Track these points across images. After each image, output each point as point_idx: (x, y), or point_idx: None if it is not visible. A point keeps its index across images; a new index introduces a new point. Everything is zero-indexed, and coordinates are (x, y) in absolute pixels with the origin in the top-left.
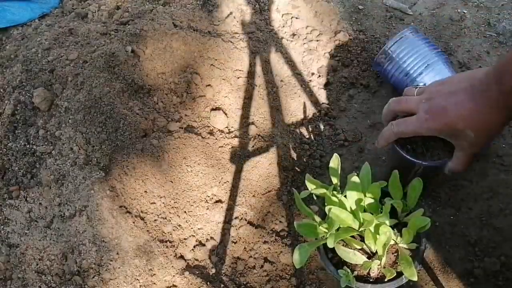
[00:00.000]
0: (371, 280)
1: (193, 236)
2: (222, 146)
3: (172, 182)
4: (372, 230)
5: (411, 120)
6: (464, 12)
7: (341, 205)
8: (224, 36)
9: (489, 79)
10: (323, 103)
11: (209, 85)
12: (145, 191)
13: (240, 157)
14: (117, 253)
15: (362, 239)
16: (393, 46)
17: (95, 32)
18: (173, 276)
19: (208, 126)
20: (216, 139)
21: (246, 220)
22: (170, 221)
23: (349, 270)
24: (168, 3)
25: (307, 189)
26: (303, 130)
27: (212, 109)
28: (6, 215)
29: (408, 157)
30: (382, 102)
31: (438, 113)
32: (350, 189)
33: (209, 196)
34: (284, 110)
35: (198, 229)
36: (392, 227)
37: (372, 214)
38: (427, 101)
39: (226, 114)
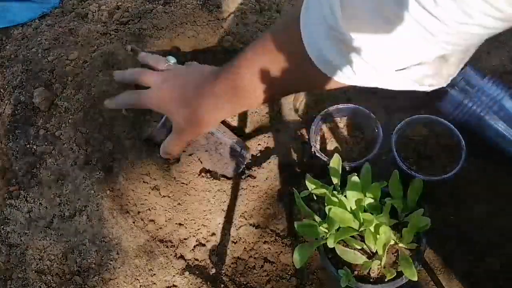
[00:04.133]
0: (371, 280)
1: (193, 236)
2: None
3: (172, 181)
4: (372, 230)
5: (142, 94)
6: None
7: (341, 205)
8: (225, 38)
9: (210, 78)
10: (323, 103)
11: None
12: (145, 191)
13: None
14: (117, 253)
15: (362, 239)
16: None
17: (95, 32)
18: (173, 276)
19: None
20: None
21: (246, 220)
22: (170, 221)
23: (349, 270)
24: (168, 3)
25: (307, 189)
26: (303, 130)
27: None
28: (6, 215)
29: (412, 172)
30: (382, 102)
31: (159, 95)
32: (350, 189)
33: (209, 196)
34: (285, 110)
35: (198, 229)
36: (392, 227)
37: (372, 214)
38: (162, 82)
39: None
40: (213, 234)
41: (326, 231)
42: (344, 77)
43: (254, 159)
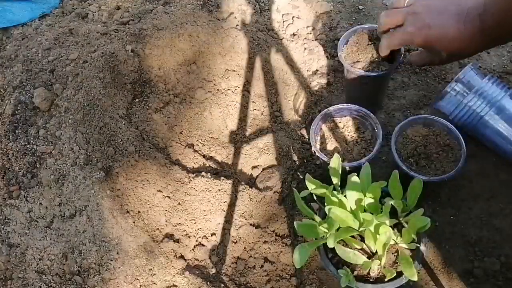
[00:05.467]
0: (371, 280)
1: (193, 236)
2: (222, 147)
3: (172, 182)
4: (372, 230)
5: (397, 33)
6: None
7: (341, 205)
8: (225, 39)
9: (474, 14)
10: (323, 103)
11: (209, 82)
12: (145, 191)
13: (240, 157)
14: (117, 253)
15: (362, 239)
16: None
17: (95, 32)
18: (173, 276)
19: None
20: (217, 141)
21: (246, 220)
22: (170, 221)
23: (349, 270)
24: (168, 3)
25: (307, 189)
26: (303, 130)
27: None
28: (6, 215)
29: (412, 172)
30: (382, 102)
31: (422, 29)
32: (350, 189)
33: (209, 196)
34: (285, 110)
35: (198, 229)
36: (392, 227)
37: (372, 214)
38: (414, 15)
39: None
40: (213, 234)
41: (326, 231)
42: None
43: (255, 159)
